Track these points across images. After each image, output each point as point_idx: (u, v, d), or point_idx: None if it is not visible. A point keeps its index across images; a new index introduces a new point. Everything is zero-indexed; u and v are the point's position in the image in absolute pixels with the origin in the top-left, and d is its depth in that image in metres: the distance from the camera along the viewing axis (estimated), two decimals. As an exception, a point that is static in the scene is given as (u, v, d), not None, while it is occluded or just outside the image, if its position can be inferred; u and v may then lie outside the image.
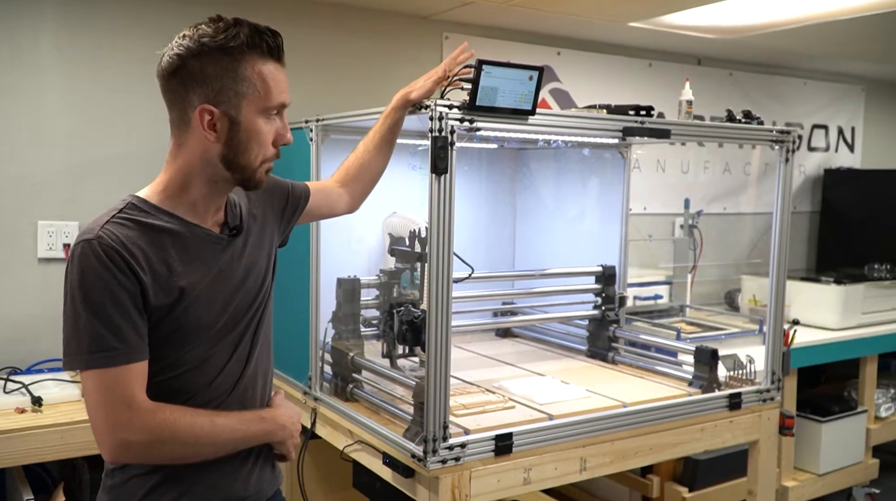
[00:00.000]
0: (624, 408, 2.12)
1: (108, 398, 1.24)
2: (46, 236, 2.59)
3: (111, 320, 1.24)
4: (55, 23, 2.59)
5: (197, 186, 1.35)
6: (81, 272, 1.24)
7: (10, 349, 2.55)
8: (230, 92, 1.29)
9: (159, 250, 1.30)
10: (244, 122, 1.31)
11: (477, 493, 1.83)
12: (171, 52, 1.31)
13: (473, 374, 2.42)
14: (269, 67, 1.33)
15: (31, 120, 2.57)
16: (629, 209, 2.87)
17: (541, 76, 1.81)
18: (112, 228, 1.28)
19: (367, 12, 3.18)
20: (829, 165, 4.86)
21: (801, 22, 3.36)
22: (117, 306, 1.24)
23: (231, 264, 1.41)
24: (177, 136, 1.35)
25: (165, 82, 1.33)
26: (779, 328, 2.40)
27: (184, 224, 1.35)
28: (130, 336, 1.26)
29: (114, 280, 1.24)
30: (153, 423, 1.26)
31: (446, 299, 1.76)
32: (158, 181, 1.37)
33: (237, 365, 1.42)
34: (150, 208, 1.33)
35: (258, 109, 1.32)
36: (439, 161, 1.71)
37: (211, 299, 1.36)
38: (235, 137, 1.32)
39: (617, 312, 2.75)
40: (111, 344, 1.24)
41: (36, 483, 2.38)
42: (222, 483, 1.42)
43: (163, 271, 1.30)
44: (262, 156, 1.36)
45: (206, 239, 1.38)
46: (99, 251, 1.24)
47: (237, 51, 1.29)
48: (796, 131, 2.36)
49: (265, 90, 1.32)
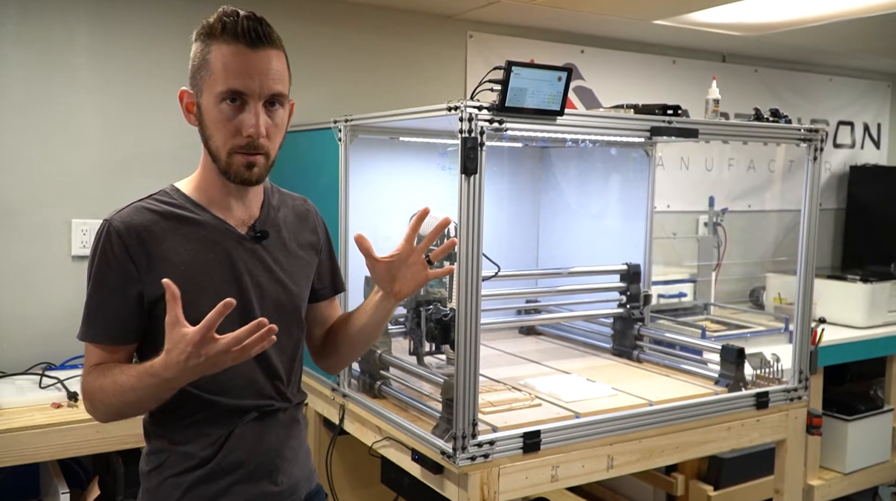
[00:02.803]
0: (651, 407, 2.13)
1: (85, 360, 1.37)
2: (80, 234, 2.64)
3: (96, 300, 1.34)
4: (89, 23, 2.64)
5: (212, 176, 1.40)
6: (93, 250, 1.35)
7: (45, 344, 2.60)
8: (198, 76, 1.34)
9: (176, 239, 1.35)
10: (203, 105, 1.34)
11: (505, 490, 1.85)
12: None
13: (499, 372, 2.43)
14: (232, 49, 1.30)
15: (64, 119, 2.62)
16: (653, 207, 2.87)
17: (569, 77, 1.82)
18: (130, 212, 1.35)
19: (392, 12, 3.20)
20: (854, 161, 4.82)
21: (826, 19, 3.34)
22: (104, 288, 1.33)
23: (244, 266, 1.40)
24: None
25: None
26: (806, 326, 2.39)
27: (209, 216, 1.39)
28: (106, 318, 1.34)
29: (110, 263, 1.32)
30: (92, 386, 1.33)
31: (475, 298, 1.78)
32: (195, 173, 1.44)
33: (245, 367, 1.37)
34: (180, 196, 1.40)
35: (212, 93, 1.32)
36: (469, 162, 1.73)
37: (219, 295, 1.29)
38: (203, 121, 1.35)
39: (642, 310, 2.76)
40: (90, 320, 1.34)
41: (71, 477, 2.43)
42: (254, 478, 1.43)
43: (175, 260, 1.34)
44: (230, 143, 1.32)
45: (228, 235, 1.40)
46: (104, 235, 1.33)
47: (210, 36, 1.33)
48: (824, 130, 2.35)
49: (219, 74, 1.30)
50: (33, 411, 2.20)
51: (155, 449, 1.42)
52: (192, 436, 1.39)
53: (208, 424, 1.39)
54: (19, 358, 2.55)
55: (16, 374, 2.49)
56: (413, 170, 2.74)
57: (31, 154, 2.58)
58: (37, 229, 2.60)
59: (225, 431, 1.40)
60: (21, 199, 2.57)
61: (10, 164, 2.55)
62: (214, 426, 1.40)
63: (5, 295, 2.56)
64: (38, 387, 2.35)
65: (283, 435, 1.49)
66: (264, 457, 1.45)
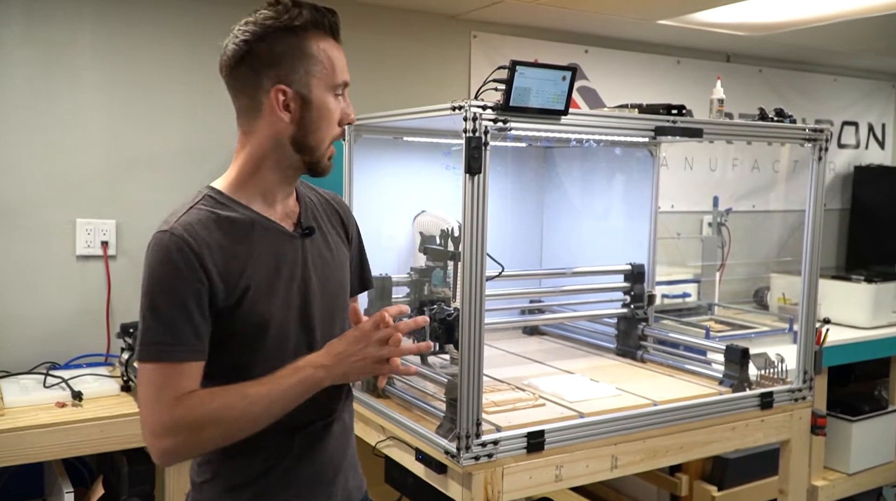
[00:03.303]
0: (654, 407, 2.13)
1: (153, 397, 1.23)
2: (84, 234, 2.65)
3: (169, 315, 1.23)
4: (93, 23, 2.64)
5: (267, 171, 1.35)
6: (150, 264, 1.25)
7: (49, 344, 2.60)
8: (301, 70, 1.30)
9: (233, 244, 1.30)
10: (315, 100, 1.32)
11: (509, 489, 1.85)
12: (236, 40, 1.31)
13: (503, 371, 2.43)
14: (330, 44, 1.34)
15: (68, 119, 2.63)
16: (657, 207, 2.87)
17: (573, 77, 1.82)
18: (188, 220, 1.28)
19: (396, 12, 3.21)
20: (859, 162, 4.82)
21: (830, 19, 3.33)
22: (178, 302, 1.23)
23: (302, 263, 1.39)
24: (245, 124, 1.35)
25: (233, 71, 1.33)
26: (811, 326, 2.39)
27: (257, 216, 1.35)
28: (186, 334, 1.24)
29: (177, 275, 1.24)
30: (189, 417, 1.22)
31: (479, 298, 1.78)
32: (230, 171, 1.38)
33: None
34: (226, 199, 1.34)
35: (327, 86, 1.33)
36: (473, 162, 1.73)
37: (277, 298, 1.34)
38: (308, 116, 1.32)
39: (645, 310, 2.75)
40: (166, 340, 1.23)
41: (75, 476, 2.44)
42: (313, 491, 1.41)
43: (235, 267, 1.29)
44: (330, 135, 1.36)
45: (279, 234, 1.37)
46: (169, 244, 1.24)
47: (301, 29, 1.30)
48: (829, 130, 2.35)
49: (331, 67, 1.33)
50: (37, 410, 2.20)
51: (208, 460, 1.37)
52: (251, 449, 1.33)
53: (267, 436, 1.32)
54: (24, 358, 2.55)
55: (20, 373, 2.49)
56: (417, 170, 2.74)
57: (36, 154, 2.59)
58: (41, 229, 2.61)
59: (284, 444, 1.37)
60: (25, 199, 2.58)
61: (14, 163, 2.56)
62: (273, 438, 1.35)
63: (10, 295, 2.57)
64: (43, 386, 2.35)
65: (340, 445, 1.48)
66: (322, 469, 1.43)
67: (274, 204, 1.38)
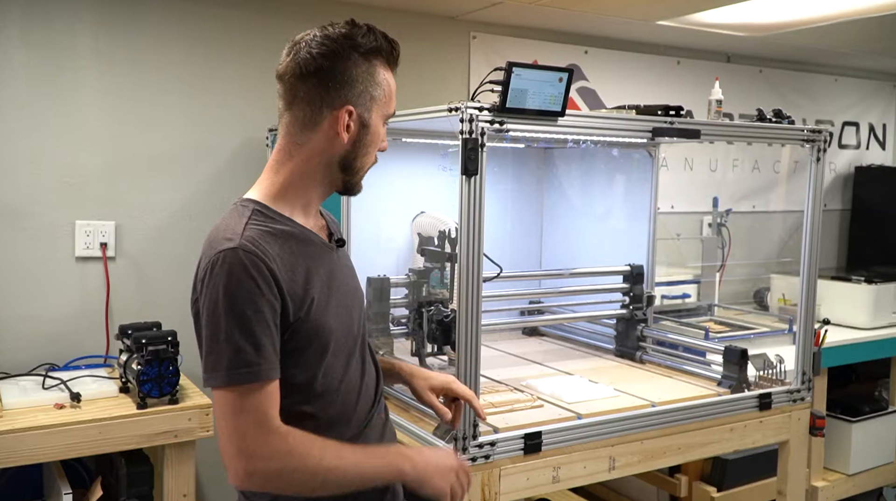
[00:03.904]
0: (653, 408, 2.13)
1: (242, 421, 1.20)
2: (84, 236, 2.65)
3: (254, 334, 1.20)
4: (92, 24, 2.65)
5: (313, 185, 1.36)
6: (227, 282, 1.20)
7: (48, 346, 2.61)
8: (367, 95, 1.34)
9: (292, 258, 1.29)
10: (372, 125, 1.36)
11: (506, 491, 1.85)
12: (312, 51, 1.31)
13: (501, 372, 2.43)
14: (390, 75, 1.40)
15: (68, 121, 2.63)
16: (657, 208, 2.87)
17: (570, 78, 1.82)
18: (251, 235, 1.25)
19: (395, 13, 3.20)
20: (859, 162, 4.81)
21: (831, 19, 3.33)
22: (260, 319, 1.21)
23: (343, 273, 1.42)
24: (297, 134, 1.34)
25: (300, 80, 1.31)
26: (809, 327, 2.39)
27: (302, 229, 1.34)
28: (269, 352, 1.22)
29: (258, 291, 1.21)
30: (284, 449, 1.21)
31: (476, 300, 1.78)
32: (272, 182, 1.35)
33: (359, 383, 1.41)
34: (274, 213, 1.32)
35: (383, 114, 1.38)
36: (469, 163, 1.73)
37: (332, 308, 1.35)
38: (363, 139, 1.35)
39: (645, 311, 2.75)
40: (252, 359, 1.20)
41: (73, 477, 2.44)
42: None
43: (299, 280, 1.28)
44: (371, 160, 1.41)
45: (322, 246, 1.38)
46: (245, 261, 1.21)
47: (375, 56, 1.35)
48: (827, 131, 2.35)
49: (390, 97, 1.39)
50: (36, 411, 2.20)
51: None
52: None
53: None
54: (23, 359, 2.56)
55: (19, 375, 2.49)
56: (416, 171, 2.74)
57: (35, 155, 2.59)
58: (40, 231, 2.61)
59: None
60: (25, 200, 2.58)
61: (13, 165, 2.56)
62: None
63: (9, 296, 2.57)
64: (42, 388, 2.35)
65: (391, 441, 1.52)
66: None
67: (310, 217, 1.39)
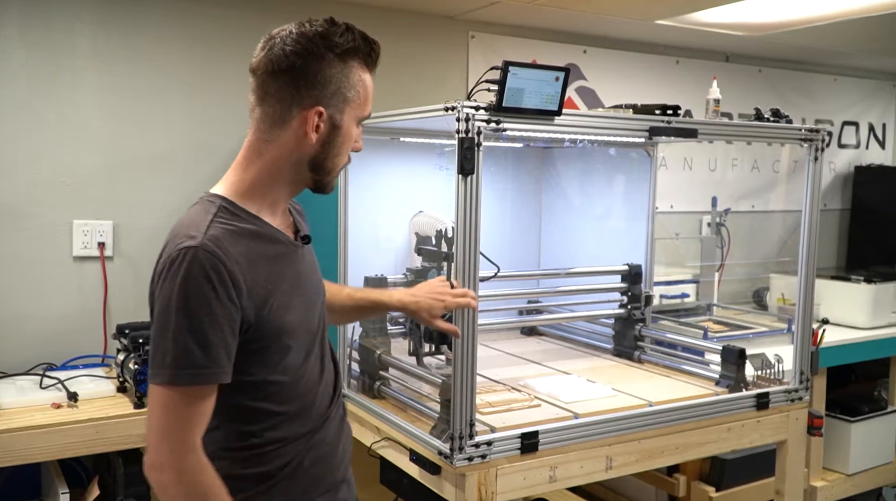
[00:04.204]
0: (650, 407, 2.12)
1: (171, 423, 1.20)
2: (81, 235, 2.65)
3: (205, 335, 1.20)
4: (92, 24, 2.65)
5: (281, 184, 1.35)
6: (184, 281, 1.19)
7: (46, 345, 2.61)
8: (340, 97, 1.32)
9: (256, 258, 1.29)
10: (344, 127, 1.34)
11: (503, 490, 1.85)
12: (286, 48, 1.28)
13: (499, 372, 2.43)
14: (369, 76, 1.37)
15: (66, 120, 2.63)
16: (656, 208, 2.86)
17: (567, 77, 1.81)
18: (215, 234, 1.24)
19: (393, 13, 3.20)
20: (859, 162, 4.81)
21: (830, 18, 3.32)
22: (213, 321, 1.20)
23: (308, 269, 1.42)
24: (266, 131, 1.32)
25: (271, 77, 1.29)
26: (807, 327, 2.39)
27: (268, 228, 1.34)
28: (219, 356, 1.22)
29: (213, 294, 1.20)
30: (191, 480, 1.21)
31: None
32: (241, 179, 1.34)
33: (318, 378, 1.42)
34: (240, 210, 1.31)
35: (356, 116, 1.36)
36: (466, 162, 1.73)
37: (295, 307, 1.35)
38: (334, 140, 1.33)
39: (643, 310, 2.75)
40: (199, 362, 1.20)
41: (71, 476, 2.44)
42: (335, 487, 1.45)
43: (260, 280, 1.28)
44: (343, 161, 1.39)
45: (287, 245, 1.37)
46: (203, 261, 1.20)
47: (351, 57, 1.32)
48: (825, 130, 2.34)
49: (365, 99, 1.36)
50: (34, 411, 2.21)
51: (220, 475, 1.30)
52: (271, 454, 1.35)
53: (287, 438, 1.36)
54: (20, 359, 2.56)
55: (16, 374, 2.49)
56: (414, 171, 2.73)
57: (33, 155, 2.59)
58: (38, 230, 2.61)
59: (303, 441, 1.38)
60: (22, 200, 2.58)
61: (11, 164, 2.56)
62: (295, 439, 1.37)
63: (6, 296, 2.57)
64: (39, 388, 2.36)
65: (348, 436, 1.54)
66: (339, 461, 1.47)
67: (277, 214, 1.39)
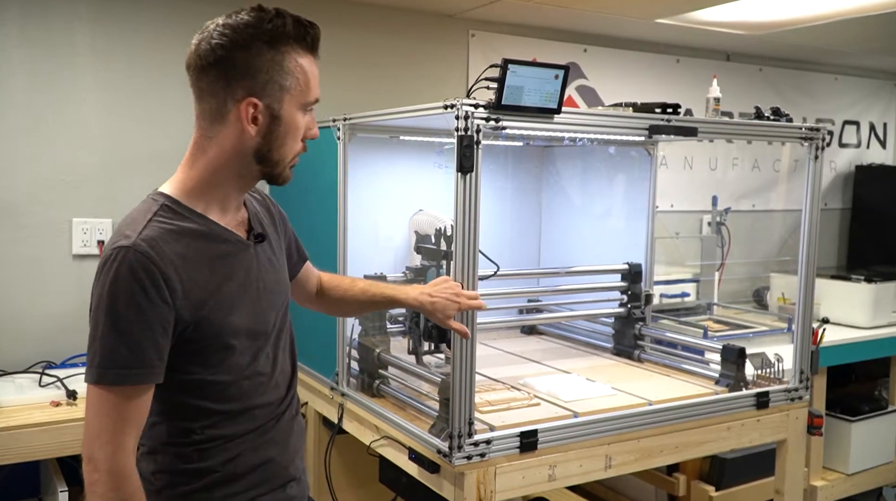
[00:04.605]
0: (650, 406, 2.12)
1: (104, 424, 1.19)
2: (81, 233, 2.65)
3: (131, 335, 1.19)
4: (90, 22, 2.64)
5: (227, 179, 1.32)
6: (113, 281, 1.19)
7: (45, 343, 2.60)
8: (275, 85, 1.27)
9: (196, 257, 1.27)
10: (285, 116, 1.29)
11: (502, 489, 1.84)
12: (211, 41, 1.25)
13: (498, 371, 2.43)
14: (308, 60, 1.31)
15: (66, 118, 2.63)
16: (656, 207, 2.86)
17: (566, 75, 1.81)
18: (150, 234, 1.22)
19: (393, 11, 3.20)
20: (860, 161, 4.80)
21: (830, 17, 3.32)
22: (141, 321, 1.19)
23: (263, 268, 1.40)
24: (206, 128, 1.31)
25: (201, 72, 1.28)
26: (807, 326, 2.38)
27: (214, 227, 1.32)
28: (148, 356, 1.21)
29: (143, 294, 1.19)
30: (118, 482, 1.20)
31: (472, 297, 1.77)
32: (186, 177, 1.32)
33: (268, 378, 1.41)
34: (184, 209, 1.29)
35: (298, 103, 1.31)
36: (465, 160, 1.72)
37: (242, 307, 1.34)
38: (275, 131, 1.29)
39: (643, 309, 2.75)
40: (126, 362, 1.19)
41: (70, 474, 2.43)
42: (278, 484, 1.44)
43: (200, 281, 1.27)
44: (294, 151, 1.34)
45: (236, 244, 1.35)
46: (134, 262, 1.19)
47: (283, 43, 1.27)
48: (825, 129, 2.34)
49: (306, 85, 1.31)
50: (33, 409, 2.21)
51: (162, 469, 1.34)
52: (213, 451, 1.34)
53: (231, 435, 1.35)
54: (19, 357, 2.56)
55: (16, 372, 2.50)
56: (414, 169, 2.74)
57: (32, 153, 2.59)
58: (38, 229, 2.61)
59: (249, 439, 1.38)
60: (22, 198, 2.58)
61: (11, 163, 2.56)
62: (239, 436, 1.36)
63: (6, 294, 2.57)
64: (38, 386, 2.36)
65: (299, 435, 1.52)
66: (289, 459, 1.46)
67: (228, 212, 1.36)
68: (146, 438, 1.33)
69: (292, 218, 1.63)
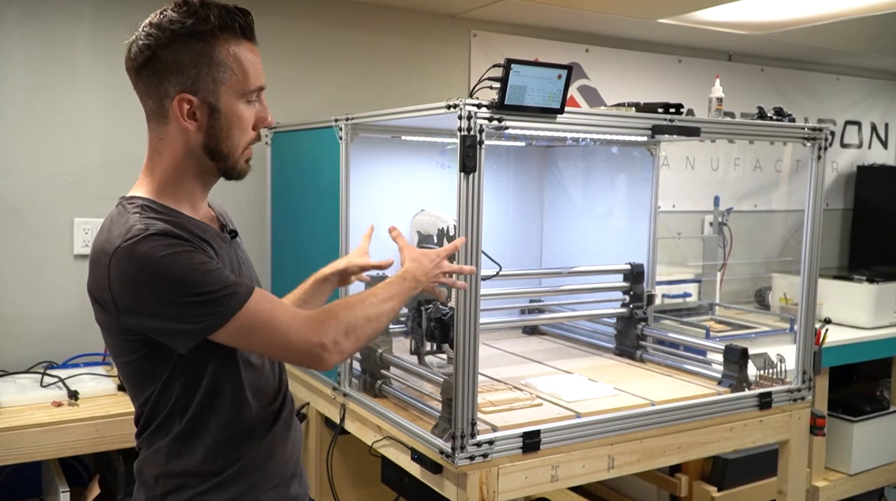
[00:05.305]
0: (652, 407, 2.12)
1: (282, 318, 1.25)
2: (82, 233, 2.65)
3: (208, 272, 1.20)
4: (91, 22, 2.64)
5: (189, 178, 1.31)
6: (160, 256, 1.17)
7: (46, 343, 2.60)
8: (207, 79, 1.25)
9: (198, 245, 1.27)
10: (224, 108, 1.27)
11: (505, 489, 1.84)
12: (140, 42, 1.25)
13: (501, 371, 2.42)
14: (242, 48, 1.28)
15: (67, 118, 2.63)
16: (658, 207, 2.85)
17: (569, 75, 1.80)
18: (151, 220, 1.22)
19: (396, 11, 3.20)
20: (862, 161, 4.79)
21: (832, 17, 3.32)
22: (201, 261, 1.20)
23: (239, 262, 1.41)
24: (156, 129, 1.30)
25: (136, 75, 1.27)
26: (810, 326, 2.38)
27: (196, 222, 1.32)
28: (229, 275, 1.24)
29: (185, 246, 1.20)
30: (328, 316, 1.28)
31: (475, 297, 1.77)
32: (150, 180, 1.31)
33: (258, 366, 1.41)
34: (161, 207, 1.28)
35: (237, 93, 1.28)
36: (468, 160, 1.72)
37: None
38: (216, 124, 1.27)
39: (645, 310, 2.74)
40: (235, 279, 1.23)
41: (72, 475, 2.43)
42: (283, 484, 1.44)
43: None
44: (244, 141, 1.32)
45: (218, 237, 1.36)
46: (156, 234, 1.18)
47: (209, 34, 1.24)
48: (828, 129, 2.34)
49: (242, 74, 1.27)
50: (34, 409, 2.21)
51: (172, 472, 1.32)
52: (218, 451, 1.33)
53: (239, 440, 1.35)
54: (21, 357, 2.56)
55: (17, 373, 2.49)
56: (416, 169, 2.73)
57: (33, 153, 2.59)
58: (39, 229, 2.61)
59: (255, 444, 1.37)
60: (23, 198, 2.58)
61: (12, 163, 2.56)
62: (246, 440, 1.36)
63: (7, 294, 2.57)
64: (40, 386, 2.35)
65: (296, 431, 1.51)
66: (293, 461, 1.46)
67: (198, 209, 1.36)
68: (147, 439, 1.34)
69: (293, 218, 1.63)
